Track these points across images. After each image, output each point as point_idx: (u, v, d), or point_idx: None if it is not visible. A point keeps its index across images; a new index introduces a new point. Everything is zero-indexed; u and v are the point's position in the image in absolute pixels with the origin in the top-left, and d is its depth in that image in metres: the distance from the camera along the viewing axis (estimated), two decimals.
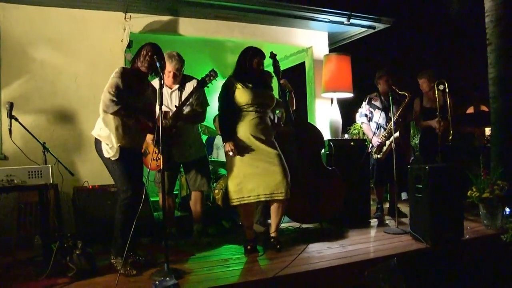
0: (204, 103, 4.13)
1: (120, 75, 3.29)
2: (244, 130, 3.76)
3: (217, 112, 6.38)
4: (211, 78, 3.77)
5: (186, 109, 4.00)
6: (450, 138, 4.90)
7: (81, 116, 4.85)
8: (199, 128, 4.38)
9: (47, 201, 3.65)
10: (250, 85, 3.82)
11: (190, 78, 4.13)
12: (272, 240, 3.87)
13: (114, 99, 3.20)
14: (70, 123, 4.84)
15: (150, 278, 3.09)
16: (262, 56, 3.87)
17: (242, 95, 3.78)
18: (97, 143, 3.41)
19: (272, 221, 3.92)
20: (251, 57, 3.82)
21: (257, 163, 3.72)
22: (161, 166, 3.23)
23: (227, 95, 3.83)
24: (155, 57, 3.30)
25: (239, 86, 3.80)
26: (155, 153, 3.91)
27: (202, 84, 3.76)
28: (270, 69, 4.24)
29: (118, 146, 3.29)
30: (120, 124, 3.31)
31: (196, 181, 4.17)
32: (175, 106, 3.91)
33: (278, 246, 3.80)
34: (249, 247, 3.79)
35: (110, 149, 3.32)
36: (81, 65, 4.88)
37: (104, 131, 3.34)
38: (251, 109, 3.77)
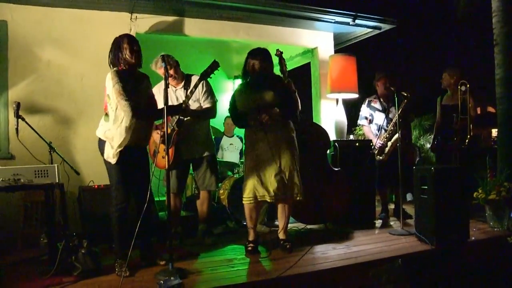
0: (213, 101, 4.13)
1: (118, 78, 3.23)
2: (252, 132, 3.78)
3: (226, 114, 6.45)
4: (213, 68, 3.76)
5: (195, 106, 4.03)
6: (466, 140, 4.86)
7: (87, 116, 4.87)
8: (209, 126, 4.36)
9: (53, 200, 3.68)
10: (249, 89, 3.81)
11: (191, 75, 4.17)
12: (281, 241, 3.86)
13: (129, 101, 3.19)
14: (76, 123, 4.86)
15: (154, 277, 3.09)
16: (259, 57, 3.76)
17: (241, 101, 3.81)
18: (101, 143, 3.40)
19: (280, 222, 3.92)
20: (247, 60, 3.82)
21: (266, 163, 3.70)
22: (166, 166, 3.23)
23: (233, 103, 3.89)
24: (160, 57, 3.30)
25: (240, 92, 3.84)
26: (164, 150, 3.92)
27: (204, 75, 3.77)
28: (276, 67, 4.19)
29: (118, 151, 3.26)
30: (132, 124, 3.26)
31: (204, 181, 4.18)
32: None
33: (288, 247, 3.79)
34: (249, 248, 3.78)
35: (111, 153, 3.30)
36: (87, 66, 4.90)
37: (110, 133, 3.31)
38: (252, 110, 3.76)
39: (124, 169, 3.33)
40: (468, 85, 4.95)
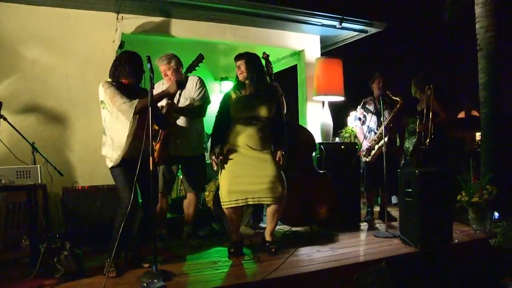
0: (204, 99, 4.10)
1: (110, 84, 3.27)
2: (237, 138, 3.74)
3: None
4: (198, 61, 3.78)
5: (186, 103, 4.02)
6: (427, 142, 4.91)
7: (71, 116, 4.82)
8: (203, 126, 4.33)
9: (36, 201, 3.62)
10: (244, 95, 3.78)
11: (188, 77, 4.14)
12: (267, 244, 3.85)
13: (125, 100, 3.19)
14: (60, 123, 4.80)
15: (138, 280, 3.06)
16: (243, 57, 3.78)
17: (233, 107, 3.77)
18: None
19: (268, 225, 3.91)
20: (236, 64, 3.82)
21: (247, 168, 3.68)
22: (151, 164, 3.18)
23: (222, 107, 3.84)
24: (146, 58, 3.28)
25: (234, 97, 3.80)
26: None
27: (190, 68, 3.78)
28: None
29: (119, 156, 3.26)
30: (130, 134, 3.26)
31: (191, 182, 4.16)
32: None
33: (273, 250, 3.77)
34: (232, 250, 3.77)
35: (110, 160, 3.31)
36: (73, 65, 4.85)
37: (107, 145, 3.34)
38: (243, 120, 3.75)
39: (128, 170, 3.25)
40: (432, 89, 5.00)
